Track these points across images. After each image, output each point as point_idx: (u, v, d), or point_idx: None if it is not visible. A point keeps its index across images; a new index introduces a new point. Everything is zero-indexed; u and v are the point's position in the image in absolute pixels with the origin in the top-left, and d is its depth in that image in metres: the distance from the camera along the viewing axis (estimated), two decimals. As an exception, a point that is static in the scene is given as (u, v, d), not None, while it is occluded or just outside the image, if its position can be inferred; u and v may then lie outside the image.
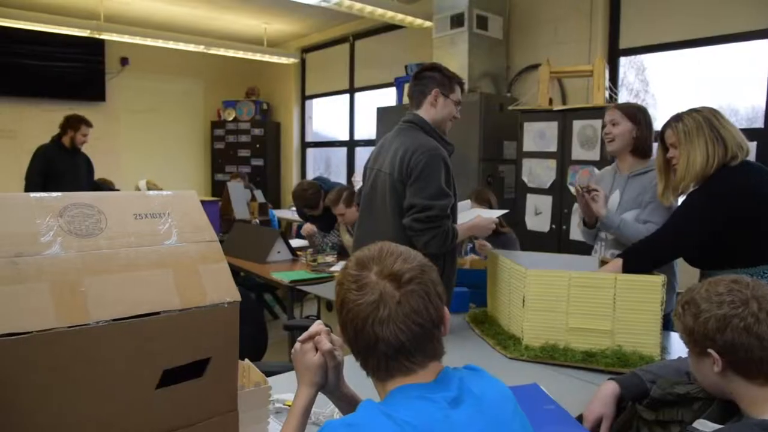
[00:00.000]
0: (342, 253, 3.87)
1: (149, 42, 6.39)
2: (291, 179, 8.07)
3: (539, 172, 4.08)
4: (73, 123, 4.82)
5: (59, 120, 7.03)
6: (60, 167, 4.66)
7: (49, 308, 0.79)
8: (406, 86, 5.36)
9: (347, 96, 7.13)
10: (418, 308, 0.91)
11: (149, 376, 0.88)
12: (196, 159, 8.32)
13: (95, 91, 7.29)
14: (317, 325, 1.12)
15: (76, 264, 0.84)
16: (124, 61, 7.48)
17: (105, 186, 5.36)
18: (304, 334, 1.11)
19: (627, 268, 2.02)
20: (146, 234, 0.93)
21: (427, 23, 5.30)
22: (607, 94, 3.83)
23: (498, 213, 2.59)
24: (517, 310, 2.04)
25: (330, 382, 1.10)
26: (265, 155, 7.91)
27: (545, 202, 4.06)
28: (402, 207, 2.19)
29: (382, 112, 5.32)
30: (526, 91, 4.62)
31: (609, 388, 1.48)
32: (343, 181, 7.25)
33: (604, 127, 2.50)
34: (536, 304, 1.97)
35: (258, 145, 7.92)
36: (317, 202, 4.13)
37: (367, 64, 6.85)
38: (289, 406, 1.51)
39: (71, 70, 7.03)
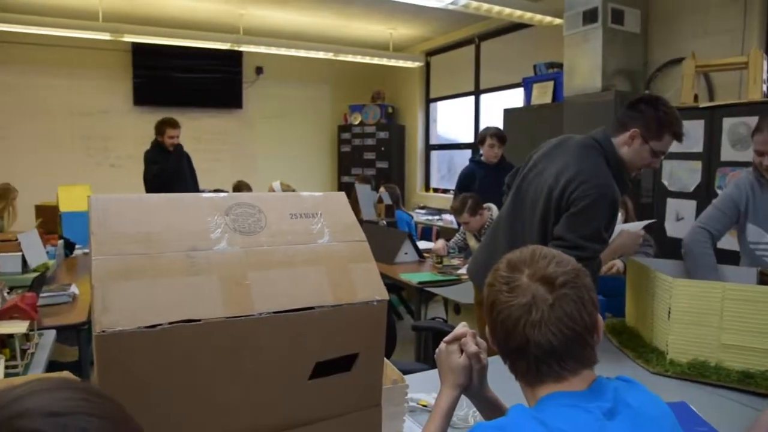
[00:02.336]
0: (468, 256, 3.85)
1: (283, 51, 6.77)
2: (415, 181, 8.16)
3: (681, 175, 3.79)
4: (159, 128, 5.16)
5: (202, 127, 7.67)
6: (163, 167, 5.04)
7: (218, 298, 0.86)
8: (535, 86, 5.22)
9: (472, 98, 7.08)
10: (571, 313, 0.88)
11: (302, 367, 0.93)
12: (323, 161, 8.68)
13: (233, 100, 7.86)
14: (463, 327, 1.12)
15: (241, 259, 0.91)
16: (258, 71, 7.98)
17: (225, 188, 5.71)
18: (450, 336, 1.11)
19: None
20: (301, 233, 0.98)
21: (557, 20, 5.13)
22: (764, 87, 3.47)
23: (642, 224, 2.41)
24: (662, 322, 1.91)
25: (474, 385, 1.10)
26: (390, 158, 8.06)
27: (688, 207, 3.76)
28: (548, 218, 2.06)
29: (510, 114, 5.23)
30: (668, 88, 4.31)
31: (775, 413, 1.34)
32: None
33: (761, 155, 2.21)
34: (684, 317, 1.83)
35: (383, 148, 8.09)
36: None
37: (493, 65, 6.75)
38: (424, 405, 1.53)
39: (212, 80, 7.63)
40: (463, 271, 3.48)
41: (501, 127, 5.32)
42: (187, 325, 0.82)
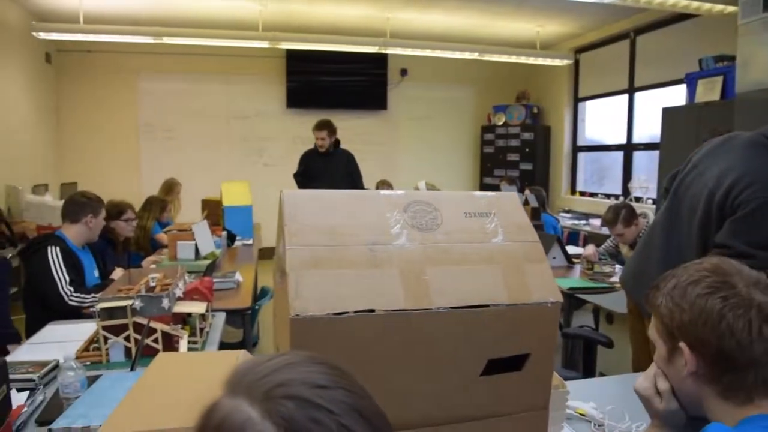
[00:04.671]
0: (621, 263, 3.64)
1: (427, 53, 6.85)
2: (560, 184, 7.87)
3: None
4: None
5: (348, 127, 7.99)
6: (313, 167, 5.29)
7: (399, 291, 0.90)
8: (700, 82, 4.82)
9: (625, 96, 6.67)
10: None
11: (475, 363, 0.94)
12: (466, 162, 8.67)
13: (378, 101, 8.12)
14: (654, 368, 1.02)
15: (420, 255, 0.94)
16: (403, 72, 8.16)
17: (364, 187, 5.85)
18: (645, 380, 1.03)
19: None
20: (476, 231, 1.00)
21: (729, 8, 4.68)
22: None
23: None
24: None
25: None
26: (535, 159, 7.85)
27: None
28: (709, 224, 1.89)
29: (669, 113, 4.86)
30: None
31: None
32: (617, 187, 6.84)
33: None
34: None
35: (527, 149, 7.90)
36: None
37: (651, 61, 6.31)
38: (581, 414, 1.49)
39: (358, 83, 7.95)
40: (615, 279, 3.30)
41: (658, 127, 4.97)
42: (369, 314, 0.87)
